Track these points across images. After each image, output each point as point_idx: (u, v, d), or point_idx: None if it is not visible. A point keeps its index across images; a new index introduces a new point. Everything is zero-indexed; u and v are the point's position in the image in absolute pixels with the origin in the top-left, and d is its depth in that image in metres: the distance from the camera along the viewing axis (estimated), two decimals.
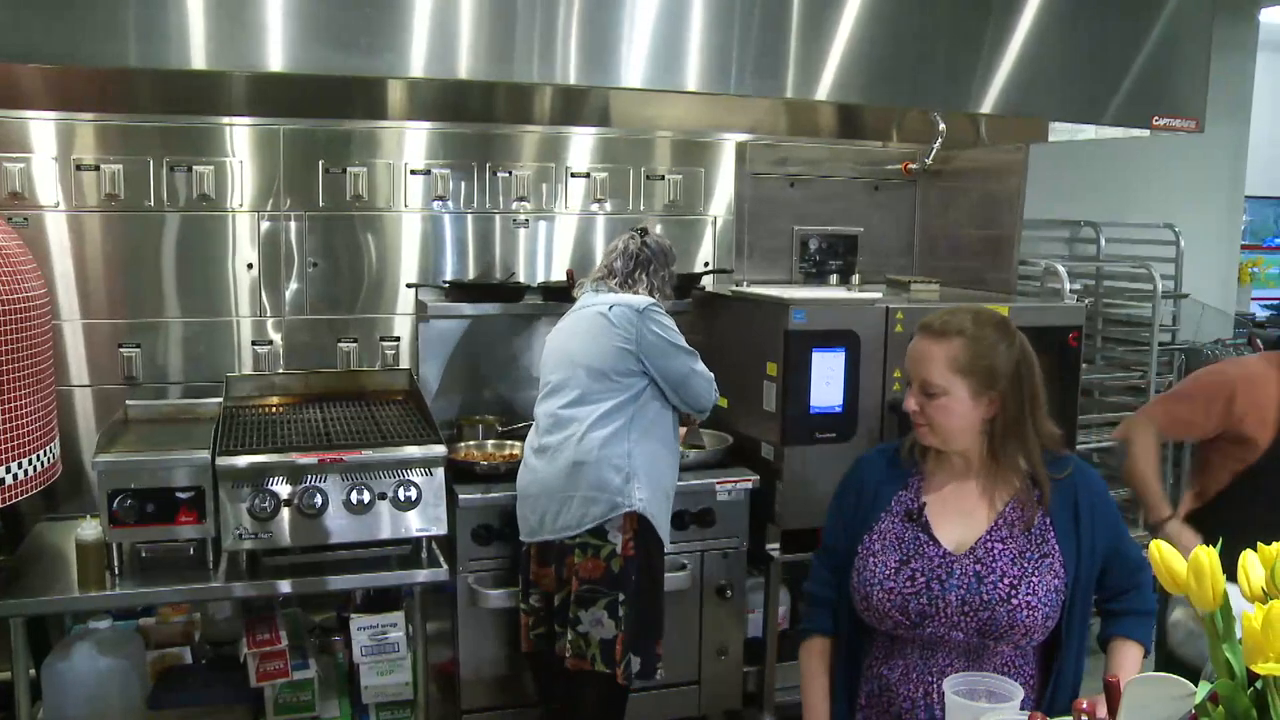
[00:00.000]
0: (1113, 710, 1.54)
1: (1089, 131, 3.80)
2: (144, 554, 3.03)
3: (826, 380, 3.53)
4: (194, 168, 3.62)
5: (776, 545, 3.65)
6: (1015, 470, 2.01)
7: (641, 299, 3.21)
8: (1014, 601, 1.92)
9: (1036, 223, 4.67)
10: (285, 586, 3.03)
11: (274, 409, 3.59)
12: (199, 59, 2.42)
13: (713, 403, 3.29)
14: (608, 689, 3.17)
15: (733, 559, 3.64)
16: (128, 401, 3.51)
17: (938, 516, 2.03)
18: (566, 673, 3.18)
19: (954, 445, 2.01)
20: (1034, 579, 1.94)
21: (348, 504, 3.04)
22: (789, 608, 3.96)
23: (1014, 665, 2.00)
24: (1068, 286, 4.17)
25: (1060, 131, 3.84)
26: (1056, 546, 1.98)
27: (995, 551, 1.97)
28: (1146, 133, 3.46)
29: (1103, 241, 5.02)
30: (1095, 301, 5.01)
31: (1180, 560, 1.47)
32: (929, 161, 4.26)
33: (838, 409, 3.56)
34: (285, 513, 2.99)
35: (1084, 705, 1.55)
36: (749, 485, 3.59)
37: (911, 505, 2.05)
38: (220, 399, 3.52)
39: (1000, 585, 1.94)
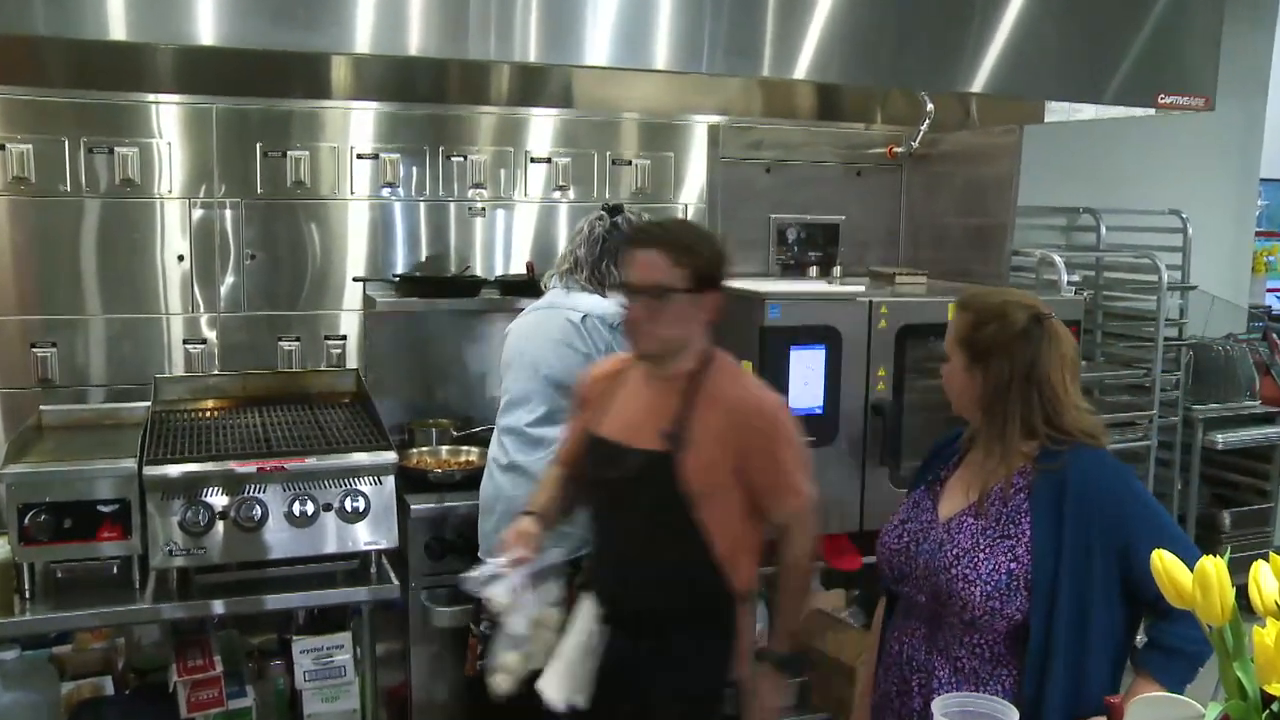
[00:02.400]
0: None
1: (1089, 111, 3.80)
2: (59, 574, 2.96)
3: (805, 380, 3.52)
4: (116, 149, 3.55)
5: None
6: (1016, 451, 2.12)
7: (615, 308, 3.13)
8: (953, 572, 2.09)
9: (1031, 210, 4.68)
10: (220, 607, 2.98)
11: (208, 413, 3.54)
12: (118, 29, 2.36)
13: None
14: None
15: None
16: (42, 406, 3.44)
17: (949, 488, 2.25)
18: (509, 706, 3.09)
19: (960, 412, 2.25)
20: (980, 555, 2.08)
21: (289, 516, 3.00)
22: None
23: (974, 652, 2.11)
24: (1065, 278, 4.19)
25: (1057, 111, 3.85)
26: (1028, 533, 2.07)
27: (964, 525, 2.14)
28: (1151, 112, 3.47)
29: (1103, 229, 5.04)
30: (1095, 294, 5.03)
31: (1184, 570, 1.46)
32: (915, 145, 4.27)
33: (817, 411, 3.54)
34: (220, 526, 2.95)
35: None
36: None
37: (940, 476, 2.29)
38: (148, 403, 3.46)
39: (950, 554, 2.11)
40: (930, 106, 4.08)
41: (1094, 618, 2.03)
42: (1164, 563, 1.48)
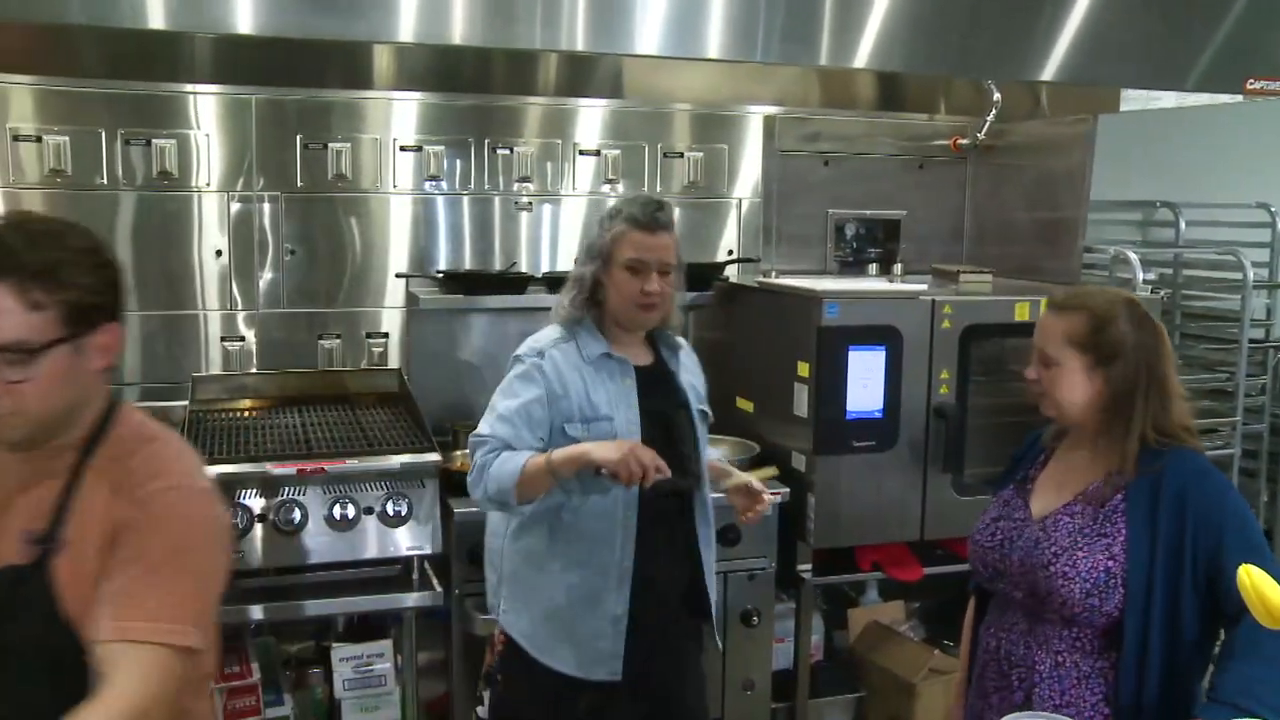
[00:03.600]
0: None
1: (1169, 99, 3.72)
2: None
3: (864, 382, 3.50)
4: (153, 141, 3.59)
5: (808, 566, 3.62)
6: (1119, 451, 2.18)
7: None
8: (1052, 569, 2.15)
9: (1105, 204, 4.61)
10: (257, 612, 3.02)
11: (246, 413, 3.56)
12: (156, 18, 2.38)
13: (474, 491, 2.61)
14: None
15: (759, 581, 3.57)
16: None
17: (1040, 486, 2.32)
18: None
19: (1068, 416, 2.24)
20: (1080, 554, 2.15)
21: (329, 519, 3.03)
22: (823, 636, 3.96)
23: (1074, 645, 2.18)
24: (1140, 276, 4.12)
25: (1134, 100, 3.77)
26: (1124, 531, 2.14)
27: (1061, 523, 2.21)
28: (1239, 99, 3.39)
29: (1182, 225, 4.94)
30: (1173, 293, 4.94)
31: (1275, 589, 1.42)
32: (981, 136, 4.24)
33: (877, 414, 3.53)
34: (258, 530, 2.98)
35: None
36: (777, 499, 3.49)
37: (1029, 475, 2.35)
38: (185, 402, 3.50)
39: (1048, 552, 2.18)
40: (997, 96, 4.03)
41: (1185, 618, 2.10)
42: (1251, 579, 1.45)
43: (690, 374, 2.86)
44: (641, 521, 2.64)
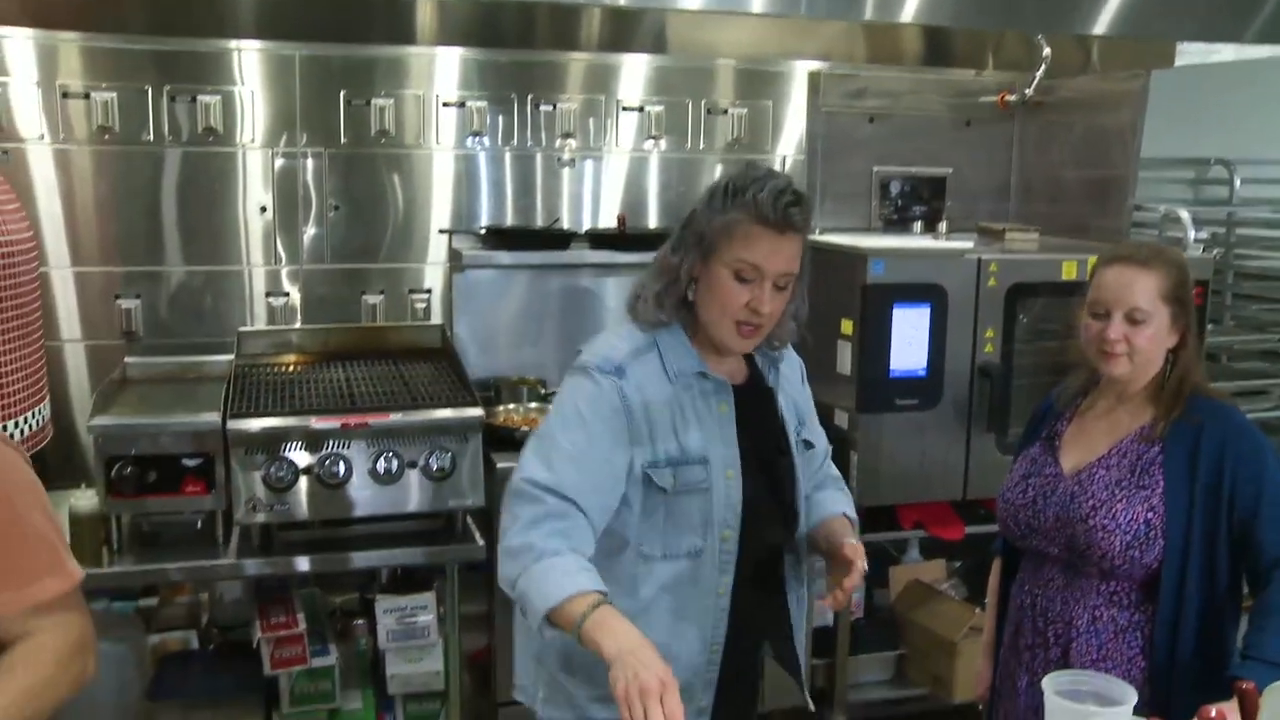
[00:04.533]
0: None
1: (1227, 53, 3.66)
2: (145, 528, 3.05)
3: (909, 340, 3.50)
4: (198, 97, 3.60)
5: None
6: (1156, 405, 2.20)
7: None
8: (1091, 522, 2.16)
9: (1156, 162, 4.53)
10: (303, 564, 3.04)
11: (290, 368, 3.59)
12: None
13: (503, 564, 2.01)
14: None
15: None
16: (126, 359, 3.52)
17: (1069, 442, 2.31)
18: None
19: (1143, 376, 2.20)
20: (1119, 505, 2.15)
21: (373, 473, 3.04)
22: (863, 595, 3.97)
23: (1111, 600, 2.19)
24: (1192, 235, 4.05)
25: (1190, 54, 3.70)
26: (1161, 483, 2.15)
27: (1096, 477, 2.21)
28: None
29: (1237, 182, 4.85)
30: (1225, 252, 4.85)
31: None
32: (1029, 92, 4.18)
33: (921, 373, 3.54)
34: (303, 482, 2.99)
35: (1211, 714, 1.54)
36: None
37: (1055, 431, 2.34)
38: (230, 357, 3.53)
39: (1085, 505, 2.18)
40: (1047, 51, 3.97)
41: (1219, 570, 2.12)
42: None
43: (793, 389, 2.27)
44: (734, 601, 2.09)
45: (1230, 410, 2.19)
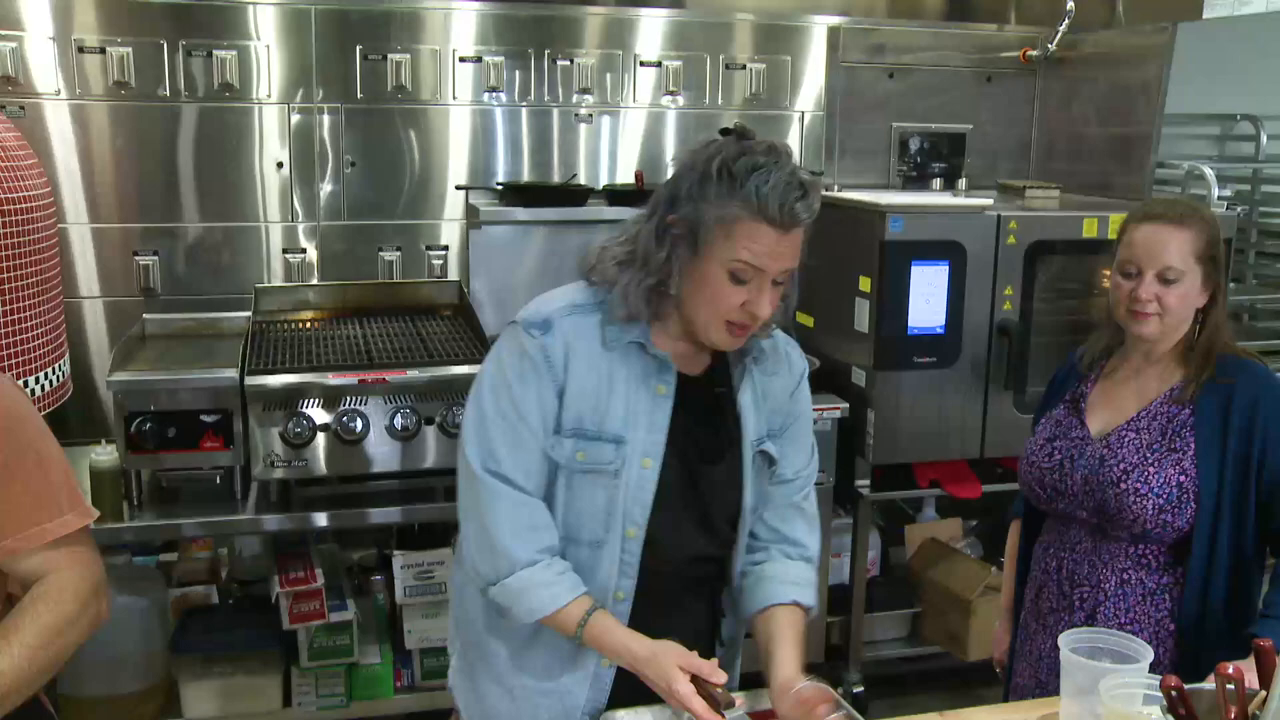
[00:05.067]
0: (1265, 679, 1.51)
1: (1258, 4, 3.61)
2: (164, 483, 3.07)
3: (927, 298, 3.47)
4: (214, 52, 3.59)
5: (866, 482, 3.63)
6: (1185, 366, 2.17)
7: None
8: (1123, 486, 2.13)
9: (1181, 118, 4.46)
10: (321, 519, 3.06)
11: (308, 324, 3.59)
12: None
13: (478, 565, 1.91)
14: None
15: (817, 496, 3.54)
16: (145, 315, 3.53)
17: (1095, 404, 2.28)
18: None
19: (1173, 336, 2.17)
20: (1150, 469, 2.12)
21: (390, 429, 3.05)
22: (879, 552, 3.98)
23: (1139, 563, 2.18)
24: (1215, 193, 4.00)
25: (1219, 6, 3.65)
26: (1192, 445, 2.12)
27: (1126, 439, 2.18)
28: None
29: (1264, 138, 4.77)
30: (1250, 210, 4.79)
31: None
32: (1052, 47, 4.14)
33: (939, 330, 3.51)
34: (321, 439, 3.00)
35: (1229, 670, 1.53)
36: (836, 414, 3.54)
37: (1079, 393, 2.31)
38: (248, 313, 3.54)
39: (1116, 469, 2.15)
40: (1071, 4, 3.92)
41: (1248, 531, 2.11)
42: None
43: (774, 394, 1.99)
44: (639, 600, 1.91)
45: (1262, 370, 2.16)
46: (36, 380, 2.75)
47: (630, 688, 1.86)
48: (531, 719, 1.94)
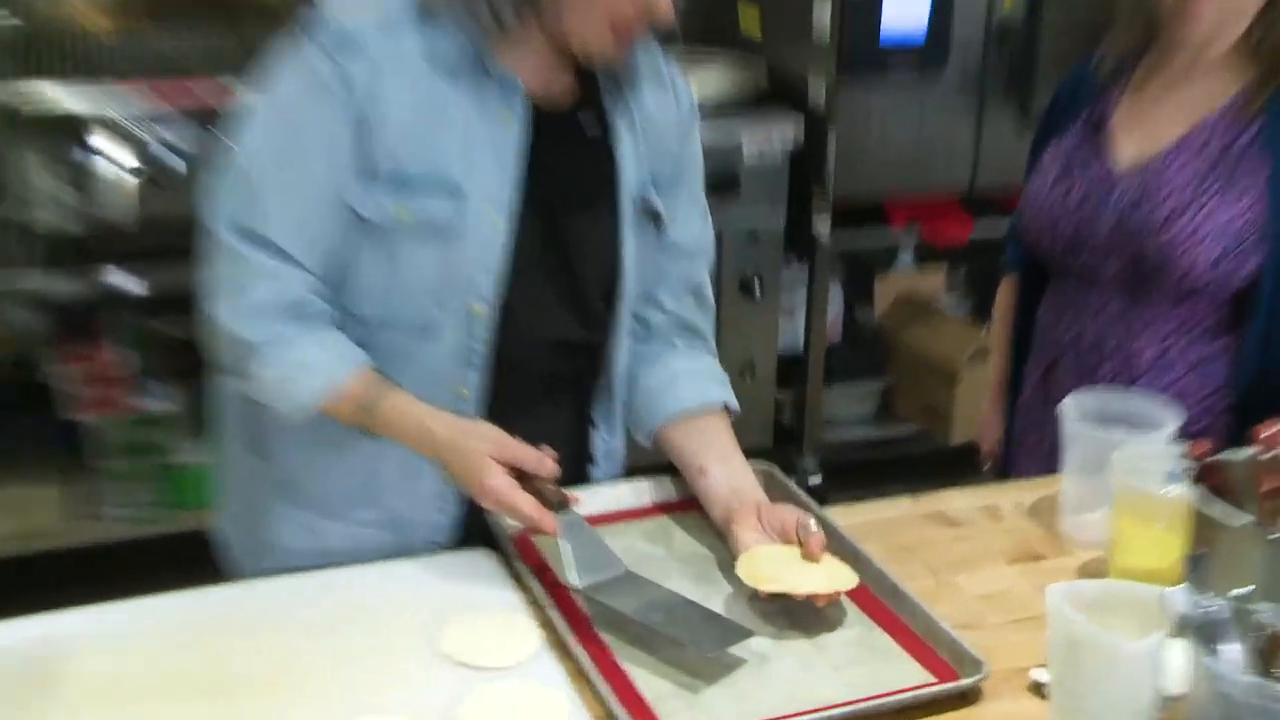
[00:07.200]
0: None
1: None
2: None
3: None
4: None
5: (826, 222, 3.46)
6: (1247, 69, 1.97)
7: None
8: (1171, 232, 1.95)
9: None
10: (125, 281, 2.96)
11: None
12: None
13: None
14: None
15: (764, 242, 3.45)
16: None
17: (1122, 127, 2.06)
18: None
19: (1231, 33, 1.93)
20: (1204, 209, 1.95)
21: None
22: (842, 311, 3.90)
23: (1183, 327, 2.05)
24: None
25: None
26: (1263, 178, 1.93)
27: (1170, 171, 1.98)
28: None
29: None
30: None
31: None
32: None
33: (919, 38, 3.42)
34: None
35: (1262, 435, 1.54)
36: (789, 140, 3.37)
37: (1099, 113, 2.10)
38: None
39: (1158, 212, 1.96)
40: None
41: None
42: None
43: (656, 131, 1.79)
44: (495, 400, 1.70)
45: None
46: None
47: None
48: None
